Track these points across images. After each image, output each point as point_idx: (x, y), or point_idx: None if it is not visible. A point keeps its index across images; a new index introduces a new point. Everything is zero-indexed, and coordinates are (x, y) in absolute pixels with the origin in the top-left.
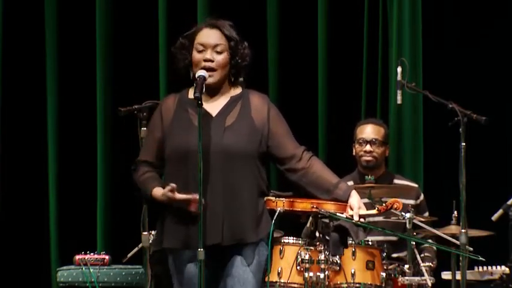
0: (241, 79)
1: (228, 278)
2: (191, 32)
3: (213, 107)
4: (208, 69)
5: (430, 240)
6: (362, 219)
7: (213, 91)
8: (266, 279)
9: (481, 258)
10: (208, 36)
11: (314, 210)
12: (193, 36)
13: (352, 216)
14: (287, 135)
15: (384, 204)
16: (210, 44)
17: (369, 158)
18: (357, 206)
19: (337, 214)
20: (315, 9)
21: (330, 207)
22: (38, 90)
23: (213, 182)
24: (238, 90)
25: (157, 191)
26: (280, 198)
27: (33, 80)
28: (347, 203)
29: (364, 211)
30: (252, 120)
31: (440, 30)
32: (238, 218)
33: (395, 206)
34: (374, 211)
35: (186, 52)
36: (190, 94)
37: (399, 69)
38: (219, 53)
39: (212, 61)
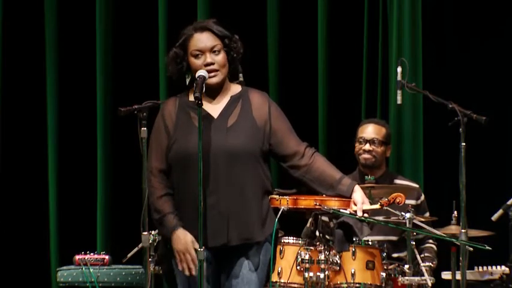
0: (241, 78)
1: (233, 277)
2: (182, 40)
3: (214, 108)
4: (211, 72)
5: (430, 240)
6: (366, 214)
7: (214, 92)
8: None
9: (487, 248)
10: (202, 40)
11: (317, 207)
12: (186, 43)
13: (355, 211)
14: (289, 132)
15: (386, 199)
16: (207, 48)
17: (367, 157)
18: (360, 201)
19: (341, 210)
20: (315, 9)
21: (333, 203)
22: (38, 90)
23: (218, 183)
24: (237, 89)
25: (180, 236)
26: (284, 197)
27: (33, 80)
28: (350, 198)
29: (367, 206)
30: (253, 119)
31: (441, 31)
32: (244, 217)
33: (397, 200)
34: (377, 206)
35: (182, 60)
36: (191, 97)
37: (399, 69)
38: (217, 53)
39: (213, 63)
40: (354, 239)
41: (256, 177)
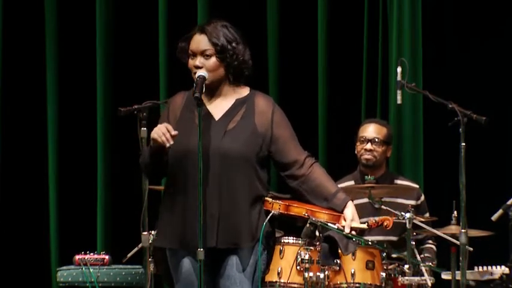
0: None
1: (224, 279)
2: (187, 36)
3: (217, 109)
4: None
5: (430, 241)
6: (353, 232)
7: (212, 92)
8: (264, 278)
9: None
10: (196, 42)
11: (305, 218)
12: (189, 41)
13: (344, 227)
14: (290, 140)
15: (374, 220)
16: (199, 50)
17: (369, 157)
18: (350, 217)
19: (329, 224)
20: (315, 9)
21: (323, 216)
22: (38, 90)
23: (210, 184)
24: (244, 92)
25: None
26: (277, 201)
27: (33, 80)
28: (342, 213)
29: (356, 224)
30: (254, 125)
31: (440, 30)
32: (234, 221)
33: (385, 224)
34: (364, 226)
35: (184, 54)
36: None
37: (399, 69)
38: (208, 57)
39: (201, 67)
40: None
41: (249, 182)
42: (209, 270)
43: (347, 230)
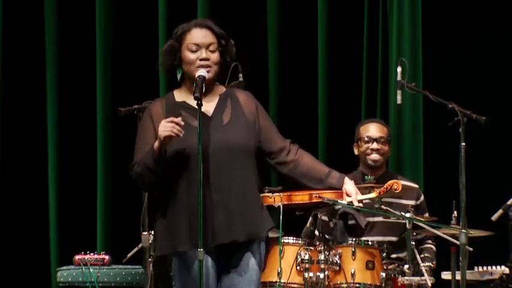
0: (240, 79)
1: (234, 277)
2: (179, 34)
3: (206, 106)
4: (205, 67)
5: (429, 241)
6: (361, 204)
7: (206, 90)
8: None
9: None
10: (201, 36)
11: (315, 199)
12: (182, 37)
13: (351, 202)
14: (274, 129)
15: (384, 187)
16: (205, 44)
17: (377, 157)
18: (354, 192)
19: (338, 201)
20: (315, 9)
21: (328, 195)
22: (38, 90)
23: (220, 179)
24: (222, 89)
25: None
26: (278, 194)
27: (33, 81)
28: (341, 190)
29: (361, 196)
30: (245, 116)
31: (440, 30)
32: (249, 214)
33: (394, 187)
34: (373, 194)
35: (176, 53)
36: (177, 97)
37: (399, 69)
38: (213, 51)
39: (208, 59)
40: (350, 242)
41: (253, 173)
42: (220, 267)
43: (356, 204)
